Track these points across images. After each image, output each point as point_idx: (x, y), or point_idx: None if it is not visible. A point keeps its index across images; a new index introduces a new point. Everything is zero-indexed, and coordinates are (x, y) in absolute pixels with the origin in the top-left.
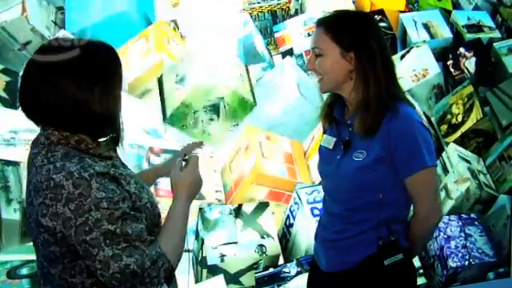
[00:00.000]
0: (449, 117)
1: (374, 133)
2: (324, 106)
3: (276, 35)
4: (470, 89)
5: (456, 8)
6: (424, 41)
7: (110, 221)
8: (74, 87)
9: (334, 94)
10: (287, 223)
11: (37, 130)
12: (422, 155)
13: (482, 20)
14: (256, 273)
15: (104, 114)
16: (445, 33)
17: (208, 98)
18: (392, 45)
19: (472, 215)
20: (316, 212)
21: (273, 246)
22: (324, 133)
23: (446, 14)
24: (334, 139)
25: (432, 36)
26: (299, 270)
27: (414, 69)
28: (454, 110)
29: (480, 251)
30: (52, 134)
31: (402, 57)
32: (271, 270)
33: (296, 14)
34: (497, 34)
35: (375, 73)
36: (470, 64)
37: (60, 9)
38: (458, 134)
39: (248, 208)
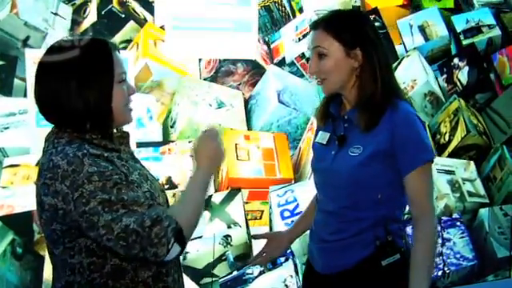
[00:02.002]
0: (438, 137)
1: (374, 128)
2: (320, 106)
3: (272, 46)
4: (456, 104)
5: (458, 7)
6: (414, 48)
7: (104, 191)
8: (53, 82)
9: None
10: (270, 225)
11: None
12: (426, 146)
13: (481, 19)
14: (220, 278)
15: (84, 109)
16: (440, 31)
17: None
18: (388, 39)
19: (454, 215)
20: (286, 214)
21: (240, 235)
22: (317, 131)
23: (448, 13)
24: (328, 134)
25: (427, 38)
26: (262, 269)
27: (404, 81)
28: (442, 128)
29: (458, 256)
30: (58, 128)
31: (394, 69)
32: (235, 273)
33: (301, 11)
34: (497, 32)
35: (380, 68)
36: (462, 75)
37: (69, 1)
38: (446, 154)
39: (217, 198)
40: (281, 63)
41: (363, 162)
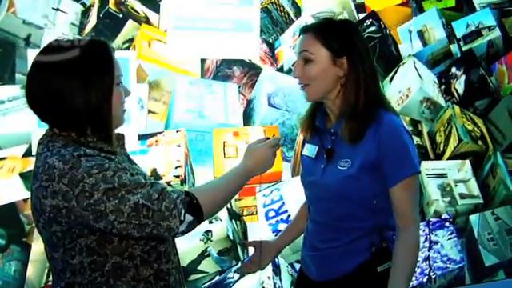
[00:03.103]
0: (434, 146)
1: (360, 139)
2: (305, 117)
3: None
4: (450, 112)
5: (459, 6)
6: (410, 55)
7: (106, 181)
8: (53, 80)
9: (315, 103)
10: None
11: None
12: (412, 160)
13: (481, 21)
14: (204, 283)
15: (84, 109)
16: (438, 34)
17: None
18: (384, 43)
19: (444, 216)
20: (271, 214)
21: (220, 230)
22: (303, 143)
23: (450, 12)
24: (316, 147)
25: (425, 43)
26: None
27: (400, 90)
28: (438, 138)
29: (445, 259)
30: (52, 131)
31: (391, 79)
32: (217, 278)
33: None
34: (496, 33)
35: (365, 79)
36: (459, 85)
37: (77, 0)
38: None
39: None
40: (281, 70)
41: (352, 175)
